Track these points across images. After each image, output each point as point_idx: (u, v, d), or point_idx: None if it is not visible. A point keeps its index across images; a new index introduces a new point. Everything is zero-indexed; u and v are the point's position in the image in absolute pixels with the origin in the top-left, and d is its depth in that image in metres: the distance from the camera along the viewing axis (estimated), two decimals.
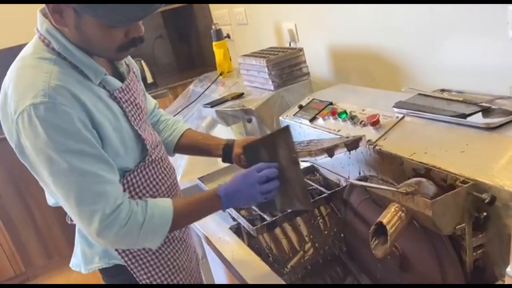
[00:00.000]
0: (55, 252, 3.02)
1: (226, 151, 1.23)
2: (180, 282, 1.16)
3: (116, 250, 1.08)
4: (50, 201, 1.12)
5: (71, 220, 1.18)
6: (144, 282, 1.11)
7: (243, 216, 1.29)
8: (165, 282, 1.13)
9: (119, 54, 0.97)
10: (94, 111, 0.93)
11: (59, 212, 0.94)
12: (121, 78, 1.06)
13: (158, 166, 1.10)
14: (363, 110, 1.30)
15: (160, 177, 1.10)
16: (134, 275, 1.10)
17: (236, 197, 1.03)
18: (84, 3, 0.82)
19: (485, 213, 0.86)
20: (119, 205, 0.93)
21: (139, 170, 1.05)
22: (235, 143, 1.23)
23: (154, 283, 1.12)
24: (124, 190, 1.02)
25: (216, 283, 1.65)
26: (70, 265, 1.19)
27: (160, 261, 1.12)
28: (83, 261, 1.13)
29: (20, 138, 0.91)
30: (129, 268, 1.09)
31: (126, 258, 1.09)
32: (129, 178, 1.03)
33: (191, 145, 1.29)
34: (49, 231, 2.96)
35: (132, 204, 0.96)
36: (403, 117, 1.18)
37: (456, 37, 1.33)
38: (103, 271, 1.14)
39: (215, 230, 1.35)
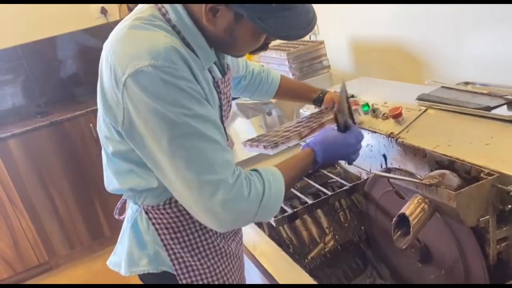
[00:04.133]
0: (77, 243, 3.08)
1: (317, 103, 1.37)
2: None
3: (169, 256, 0.98)
4: (110, 186, 1.02)
5: (119, 215, 1.12)
6: None
7: None
8: None
9: (244, 53, 0.96)
10: (207, 92, 0.88)
11: (81, 203, 0.86)
12: (220, 70, 1.01)
13: None
14: (385, 103, 1.29)
15: None
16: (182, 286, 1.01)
17: (331, 156, 1.03)
18: (263, 14, 0.80)
19: (510, 206, 0.86)
20: (238, 175, 0.85)
21: None
22: (326, 96, 1.35)
23: None
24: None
25: None
26: (108, 263, 1.10)
27: (213, 276, 1.02)
28: (127, 262, 1.02)
29: (128, 103, 0.81)
30: (178, 278, 1.00)
31: (177, 266, 0.99)
32: None
33: (288, 91, 1.41)
34: (71, 222, 3.02)
35: (248, 173, 0.88)
36: (426, 110, 1.17)
37: (480, 28, 1.31)
38: (147, 276, 1.03)
39: None
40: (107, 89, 0.85)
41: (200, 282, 1.01)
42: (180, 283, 1.00)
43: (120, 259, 1.05)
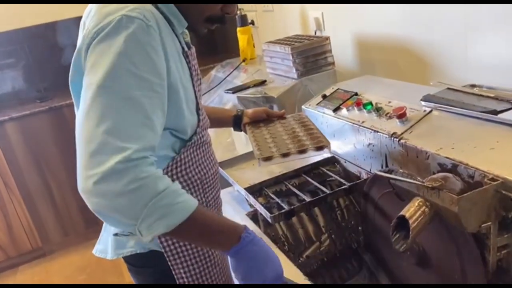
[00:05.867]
0: (71, 230, 3.07)
1: (236, 121, 1.37)
2: (213, 277, 1.08)
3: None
4: None
5: None
6: (177, 272, 1.03)
7: (260, 203, 1.28)
8: (198, 275, 1.05)
9: (203, 25, 0.99)
10: (171, 60, 0.87)
11: (77, 191, 0.80)
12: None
13: (207, 150, 1.07)
14: (389, 102, 1.27)
15: (207, 161, 1.07)
16: (170, 263, 1.02)
17: (250, 264, 0.89)
18: None
19: None
20: (145, 157, 0.77)
21: (190, 151, 0.99)
22: (244, 113, 1.37)
23: (188, 274, 1.04)
24: (172, 171, 0.96)
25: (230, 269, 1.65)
26: (94, 251, 1.10)
27: (199, 251, 1.03)
28: (113, 245, 1.03)
29: (91, 49, 0.81)
30: (165, 255, 1.01)
31: (165, 244, 1.00)
32: (178, 159, 0.97)
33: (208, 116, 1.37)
34: (66, 209, 3.01)
35: (161, 171, 0.81)
36: (430, 111, 1.15)
37: (489, 29, 1.29)
38: (134, 258, 1.03)
39: (231, 215, 1.35)
40: (79, 50, 0.86)
41: (187, 258, 1.02)
42: (167, 259, 1.01)
43: (105, 246, 1.06)
